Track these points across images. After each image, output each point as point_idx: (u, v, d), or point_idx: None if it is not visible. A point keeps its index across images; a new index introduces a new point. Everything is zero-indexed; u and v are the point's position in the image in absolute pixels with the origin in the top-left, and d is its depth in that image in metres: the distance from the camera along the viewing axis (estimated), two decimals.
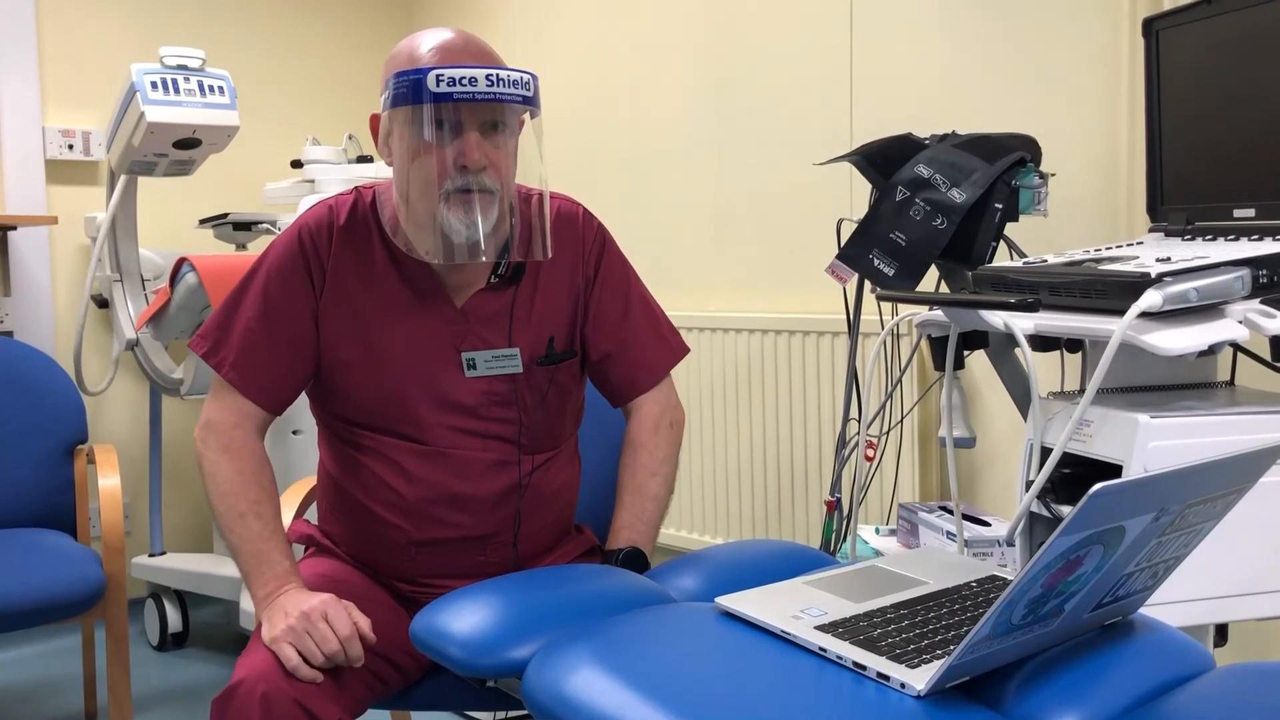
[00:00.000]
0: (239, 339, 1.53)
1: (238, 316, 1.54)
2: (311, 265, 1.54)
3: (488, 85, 1.40)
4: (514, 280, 1.58)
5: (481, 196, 1.45)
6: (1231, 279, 1.42)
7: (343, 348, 1.55)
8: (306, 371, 1.56)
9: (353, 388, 1.55)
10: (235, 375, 1.53)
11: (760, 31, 2.91)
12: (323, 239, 1.55)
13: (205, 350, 1.55)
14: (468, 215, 1.45)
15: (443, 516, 1.55)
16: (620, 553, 1.57)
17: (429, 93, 1.40)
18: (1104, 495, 0.90)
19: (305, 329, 1.54)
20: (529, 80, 1.45)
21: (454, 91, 1.39)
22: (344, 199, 1.58)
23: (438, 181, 1.44)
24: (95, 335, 3.48)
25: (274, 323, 1.53)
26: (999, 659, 1.05)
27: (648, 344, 1.69)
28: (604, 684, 1.07)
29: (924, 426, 2.55)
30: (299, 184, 3.24)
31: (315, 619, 1.36)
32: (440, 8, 3.99)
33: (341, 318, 1.55)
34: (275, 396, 1.55)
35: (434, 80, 1.39)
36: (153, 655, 3.13)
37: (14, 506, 2.51)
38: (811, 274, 2.73)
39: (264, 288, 1.54)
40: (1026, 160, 1.95)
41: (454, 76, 1.39)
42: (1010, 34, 2.40)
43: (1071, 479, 1.57)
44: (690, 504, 3.05)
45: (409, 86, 1.41)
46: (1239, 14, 1.64)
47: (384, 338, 1.55)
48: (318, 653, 1.35)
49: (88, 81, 3.45)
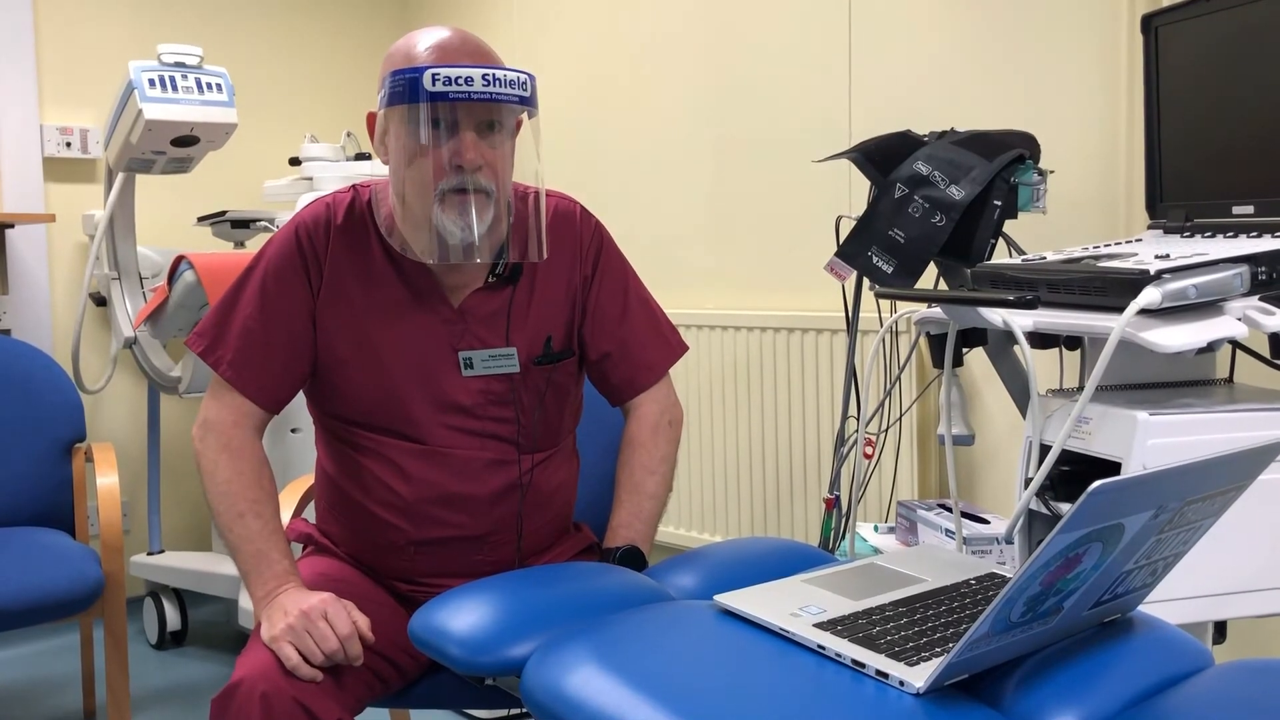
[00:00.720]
0: (236, 337, 1.53)
1: (235, 314, 1.54)
2: (309, 263, 1.54)
3: (484, 85, 1.39)
4: (511, 280, 1.57)
5: (477, 196, 1.44)
6: (1230, 276, 1.42)
7: (339, 346, 1.55)
8: (304, 370, 1.56)
9: (349, 387, 1.55)
10: (233, 374, 1.52)
11: (759, 29, 2.91)
12: (320, 237, 1.54)
13: (203, 348, 1.54)
14: (462, 216, 1.44)
15: (441, 516, 1.55)
16: (618, 551, 1.57)
17: (425, 92, 1.39)
18: (1103, 493, 0.90)
19: (302, 327, 1.54)
20: (526, 80, 1.44)
21: (450, 91, 1.39)
22: (342, 197, 1.57)
23: (433, 181, 1.43)
24: (93, 333, 3.47)
25: (271, 321, 1.53)
26: (998, 656, 1.05)
27: (647, 343, 1.68)
28: (603, 682, 1.07)
29: (923, 424, 2.55)
30: (297, 181, 3.23)
31: (315, 618, 1.36)
32: (438, 6, 3.99)
33: (338, 316, 1.54)
34: (273, 395, 1.55)
35: (430, 79, 1.38)
36: (151, 654, 3.12)
37: (12, 505, 2.51)
38: (810, 271, 2.73)
39: (261, 285, 1.53)
40: (1025, 157, 1.95)
41: (450, 75, 1.38)
42: (1009, 31, 2.40)
43: (1070, 476, 1.57)
44: (689, 502, 3.05)
45: (405, 85, 1.40)
46: (1238, 11, 1.64)
47: (381, 337, 1.54)
48: (317, 651, 1.34)
49: (86, 79, 3.45)
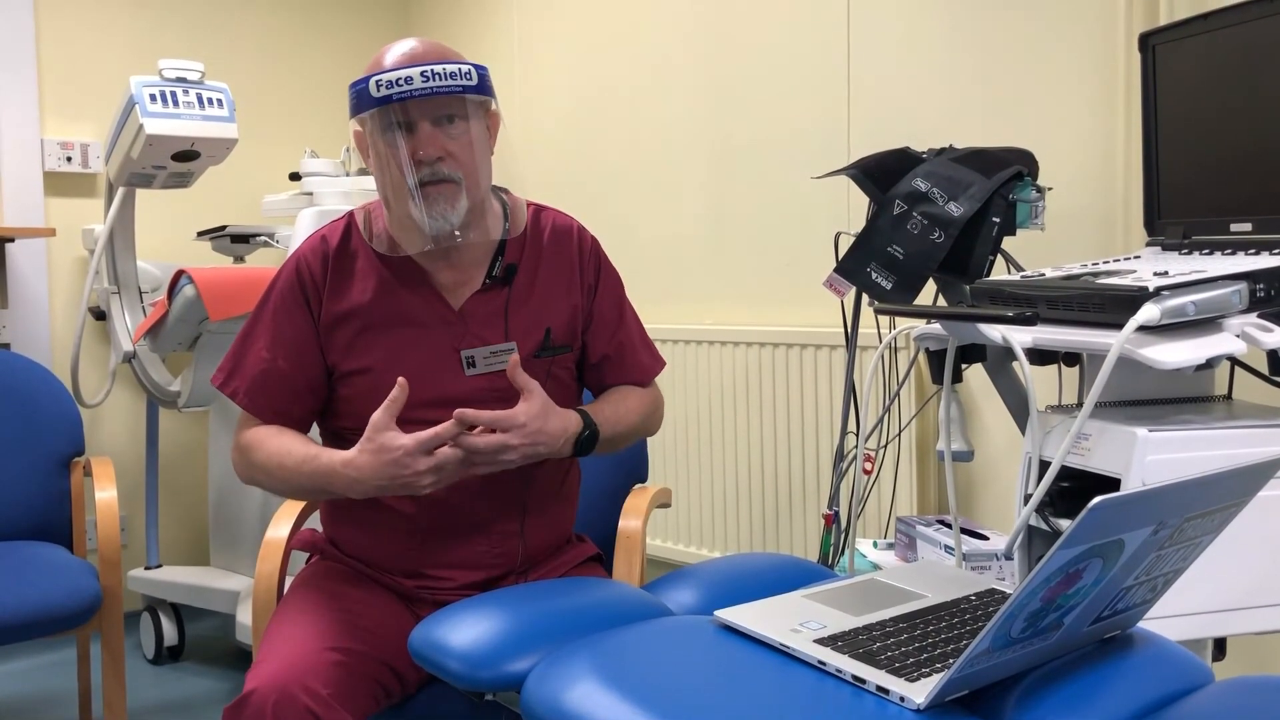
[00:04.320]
0: (251, 369, 1.62)
1: (249, 349, 1.63)
2: (309, 294, 1.61)
3: (424, 81, 1.48)
4: (507, 281, 1.63)
5: (446, 186, 1.52)
6: (1229, 293, 1.42)
7: (348, 360, 1.60)
8: (319, 393, 1.64)
9: (358, 400, 1.59)
10: (248, 401, 1.62)
11: (758, 45, 2.92)
12: (318, 267, 1.62)
13: (221, 381, 1.65)
14: (435, 205, 1.52)
15: (448, 500, 1.57)
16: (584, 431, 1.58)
17: (371, 98, 1.49)
18: (1103, 509, 0.90)
19: (312, 356, 1.61)
20: (470, 70, 1.52)
21: (393, 93, 1.48)
22: (335, 225, 1.66)
23: (403, 179, 1.52)
24: (92, 347, 3.47)
25: (281, 352, 1.61)
26: (998, 672, 1.05)
27: (639, 349, 1.76)
28: (603, 697, 1.07)
29: (922, 440, 2.55)
30: (297, 196, 3.24)
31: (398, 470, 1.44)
32: (437, 21, 4.00)
33: (344, 333, 1.60)
34: (289, 417, 1.63)
35: (374, 86, 1.49)
36: (148, 668, 3.11)
37: (10, 519, 2.50)
38: (809, 287, 2.74)
39: (272, 319, 1.63)
40: (1024, 174, 1.96)
41: (391, 79, 1.48)
42: (1007, 49, 2.41)
43: (1070, 492, 1.57)
44: (688, 517, 3.04)
45: (356, 96, 1.51)
46: (1235, 29, 1.65)
47: (386, 350, 1.59)
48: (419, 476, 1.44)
49: (86, 94, 3.46)
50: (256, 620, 1.68)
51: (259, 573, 1.71)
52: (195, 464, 3.63)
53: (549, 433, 1.50)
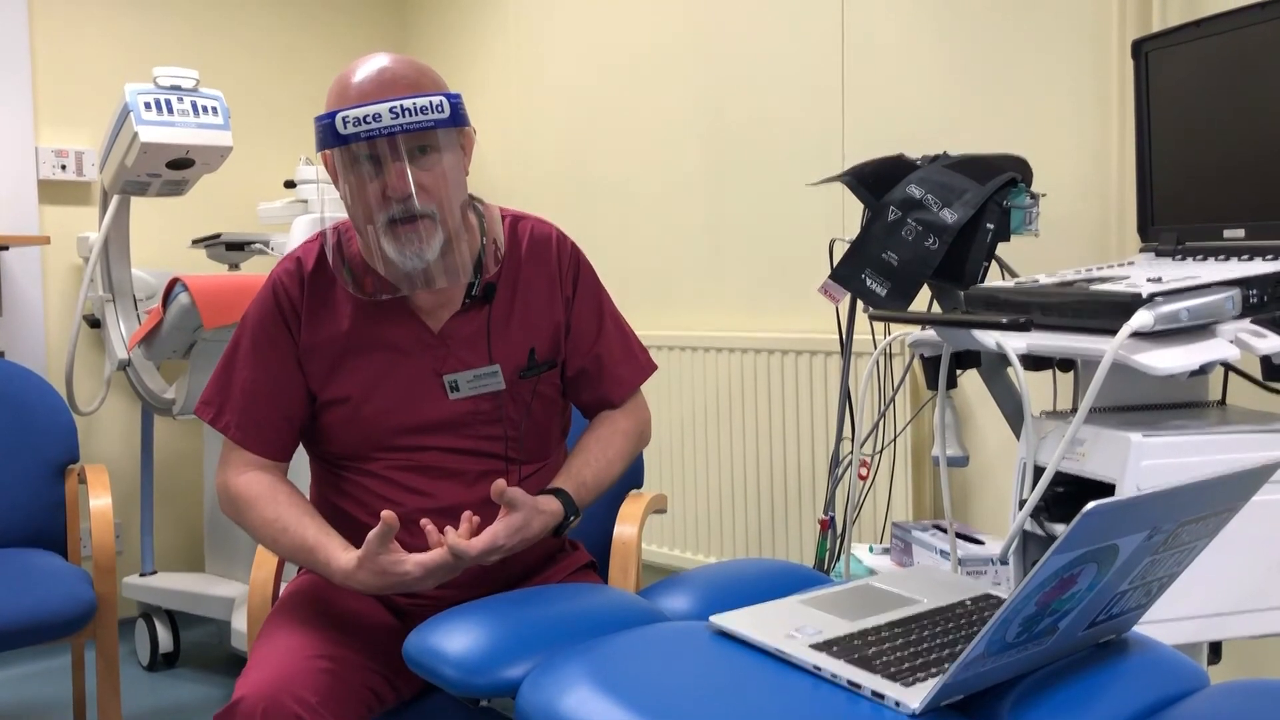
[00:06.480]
0: (238, 400, 1.59)
1: (233, 378, 1.60)
2: (288, 317, 1.59)
3: (392, 118, 1.42)
4: (488, 299, 1.59)
5: (422, 222, 1.47)
6: (1222, 299, 1.43)
7: (328, 389, 1.58)
8: (303, 417, 1.61)
9: (339, 427, 1.59)
10: (240, 435, 1.59)
11: (753, 52, 2.93)
12: (294, 290, 1.59)
13: (211, 416, 1.60)
14: (408, 244, 1.47)
15: (437, 525, 1.55)
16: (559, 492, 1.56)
17: (337, 135, 1.43)
18: (1097, 514, 0.91)
19: (294, 379, 1.59)
20: (441, 102, 1.45)
21: (360, 131, 1.42)
22: (310, 245, 1.62)
23: (374, 216, 1.47)
24: (87, 355, 3.47)
25: (265, 378, 1.58)
26: (993, 677, 1.05)
27: (620, 360, 1.71)
28: (598, 703, 1.07)
29: (917, 445, 2.55)
30: (292, 204, 3.24)
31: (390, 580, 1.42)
32: (432, 32, 4.01)
33: (323, 360, 1.58)
34: (279, 447, 1.61)
35: (341, 123, 1.42)
36: (143, 675, 3.11)
37: (4, 526, 2.50)
38: (804, 294, 2.74)
39: (252, 345, 1.60)
40: (1017, 181, 1.96)
41: (358, 116, 1.42)
42: (1001, 56, 2.41)
43: (1064, 498, 1.57)
44: (684, 523, 3.04)
45: (322, 131, 1.44)
46: (1227, 35, 1.65)
47: (366, 374, 1.57)
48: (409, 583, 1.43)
49: (81, 101, 3.45)
50: (251, 627, 1.68)
51: (253, 579, 1.71)
52: (190, 471, 3.62)
53: (534, 530, 1.48)
